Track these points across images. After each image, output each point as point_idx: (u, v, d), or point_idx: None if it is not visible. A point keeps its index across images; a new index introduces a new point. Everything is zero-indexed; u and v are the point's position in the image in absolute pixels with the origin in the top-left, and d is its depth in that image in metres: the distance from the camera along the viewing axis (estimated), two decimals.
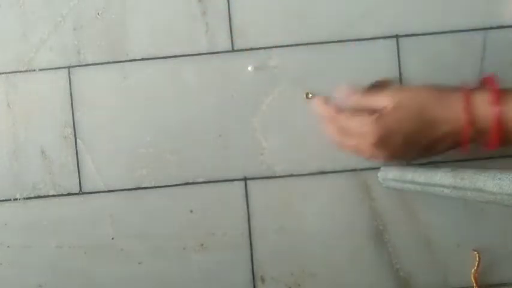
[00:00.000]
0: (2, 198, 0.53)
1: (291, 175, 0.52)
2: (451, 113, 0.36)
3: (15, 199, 0.53)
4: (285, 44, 0.51)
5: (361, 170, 0.52)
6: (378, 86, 0.49)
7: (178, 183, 0.52)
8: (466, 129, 0.36)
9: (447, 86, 0.39)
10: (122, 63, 0.52)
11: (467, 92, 0.36)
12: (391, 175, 0.50)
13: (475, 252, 0.51)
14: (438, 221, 0.51)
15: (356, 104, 0.42)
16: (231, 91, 0.52)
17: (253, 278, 0.52)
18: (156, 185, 0.52)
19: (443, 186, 0.44)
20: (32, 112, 0.52)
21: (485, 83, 0.39)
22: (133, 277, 0.53)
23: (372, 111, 0.39)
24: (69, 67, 0.52)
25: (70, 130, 0.52)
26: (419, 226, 0.52)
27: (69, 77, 0.52)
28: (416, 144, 0.38)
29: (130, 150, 0.52)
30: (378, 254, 0.52)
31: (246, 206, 0.52)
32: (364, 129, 0.39)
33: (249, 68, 0.51)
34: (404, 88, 0.39)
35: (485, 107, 0.35)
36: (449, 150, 0.40)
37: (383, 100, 0.39)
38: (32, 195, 0.53)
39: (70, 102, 0.52)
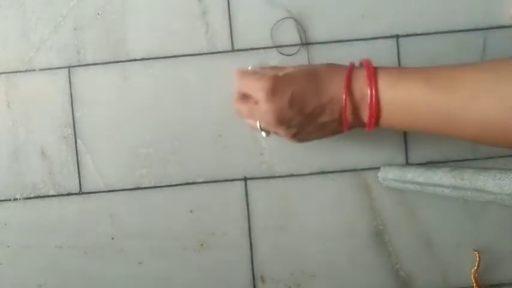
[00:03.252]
0: (2, 198, 0.53)
1: (291, 175, 0.52)
2: (334, 88, 0.39)
3: (15, 199, 0.53)
4: (285, 44, 0.51)
5: (361, 170, 0.52)
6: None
7: (178, 183, 0.52)
8: (345, 101, 0.38)
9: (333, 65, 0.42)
10: (122, 63, 0.52)
11: (350, 69, 0.39)
12: (391, 175, 0.50)
13: (475, 252, 0.51)
14: (438, 221, 0.52)
15: (239, 88, 0.45)
16: (231, 91, 0.52)
17: (253, 278, 0.52)
18: (156, 185, 0.52)
19: (443, 186, 0.44)
20: (32, 112, 0.52)
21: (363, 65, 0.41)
22: (133, 277, 0.53)
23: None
24: (69, 67, 0.52)
25: (70, 130, 0.52)
26: (419, 226, 0.52)
27: (69, 77, 0.52)
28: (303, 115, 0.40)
29: (130, 150, 0.52)
30: (378, 254, 0.52)
31: (246, 206, 0.52)
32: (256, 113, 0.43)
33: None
34: (279, 77, 0.41)
35: (362, 83, 0.38)
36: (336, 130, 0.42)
37: (256, 89, 0.41)
38: (32, 195, 0.53)
39: (70, 102, 0.52)
